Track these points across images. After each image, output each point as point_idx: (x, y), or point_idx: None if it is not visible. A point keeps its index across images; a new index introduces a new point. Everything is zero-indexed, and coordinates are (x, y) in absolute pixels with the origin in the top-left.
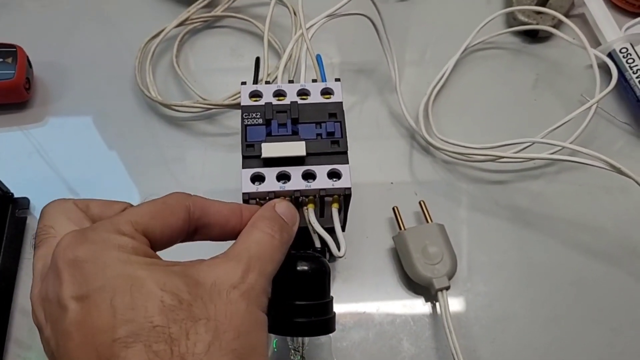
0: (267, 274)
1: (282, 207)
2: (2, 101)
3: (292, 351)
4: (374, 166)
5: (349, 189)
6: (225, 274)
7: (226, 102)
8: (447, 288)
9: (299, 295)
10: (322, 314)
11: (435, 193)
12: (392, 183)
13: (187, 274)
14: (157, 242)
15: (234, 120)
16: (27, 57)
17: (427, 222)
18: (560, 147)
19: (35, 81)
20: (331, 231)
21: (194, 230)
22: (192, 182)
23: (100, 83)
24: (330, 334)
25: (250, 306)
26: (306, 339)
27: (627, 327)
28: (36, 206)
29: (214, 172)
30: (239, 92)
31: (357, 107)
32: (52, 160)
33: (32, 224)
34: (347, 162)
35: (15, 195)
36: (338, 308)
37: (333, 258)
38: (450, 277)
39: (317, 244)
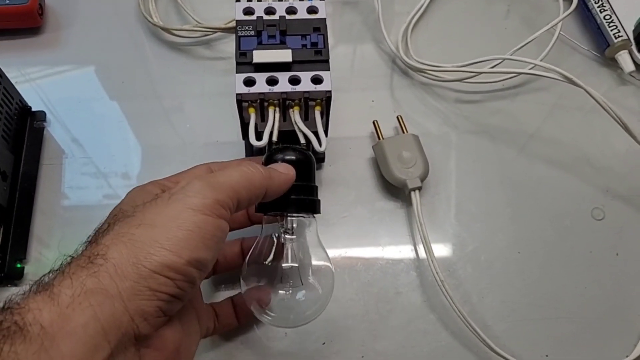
0: (219, 186)
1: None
2: (17, 25)
3: (283, 234)
4: (357, 87)
5: (330, 92)
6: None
7: (222, 26)
8: (419, 188)
9: None
10: (310, 194)
11: (412, 111)
12: (373, 101)
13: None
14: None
15: (229, 45)
16: None
17: (403, 133)
18: (529, 65)
19: (46, 9)
20: (315, 135)
21: None
22: (189, 99)
23: (106, 11)
24: (315, 217)
25: (175, 204)
26: (295, 222)
27: (578, 224)
28: (51, 120)
29: (212, 92)
30: (233, 19)
31: (342, 35)
32: (65, 81)
33: (47, 134)
34: (329, 70)
35: (33, 109)
36: (323, 207)
37: (319, 165)
38: (422, 179)
39: (302, 141)
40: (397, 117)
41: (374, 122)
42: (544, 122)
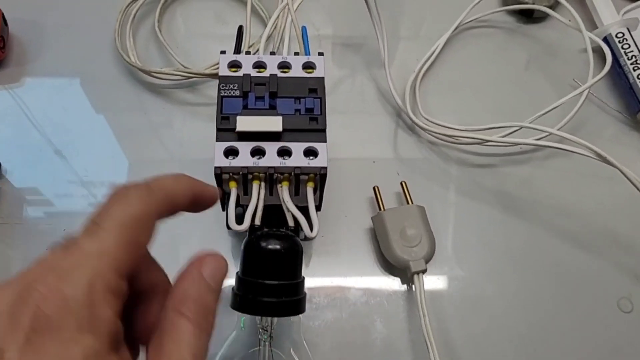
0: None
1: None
2: None
3: (260, 330)
4: (356, 143)
5: (325, 168)
6: None
7: (207, 72)
8: (424, 271)
9: (270, 274)
10: (293, 294)
11: (418, 173)
12: (374, 162)
13: None
14: None
15: (215, 90)
16: (2, 14)
17: (408, 203)
18: (548, 133)
19: (10, 40)
20: (305, 210)
21: None
22: (170, 147)
23: (79, 44)
24: (300, 315)
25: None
26: (275, 318)
27: (602, 317)
28: (8, 169)
29: (193, 141)
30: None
31: (342, 81)
32: (27, 123)
33: (4, 188)
34: (325, 141)
35: None
36: (312, 286)
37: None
38: (427, 261)
39: (291, 223)
40: (401, 184)
41: (374, 189)
42: (565, 192)
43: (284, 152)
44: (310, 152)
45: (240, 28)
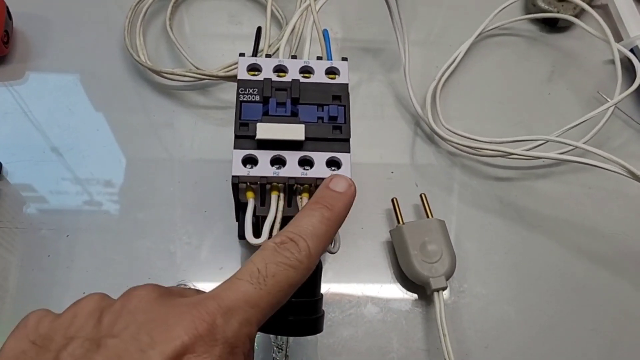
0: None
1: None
2: None
3: (275, 349)
4: (374, 152)
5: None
6: None
7: (220, 73)
8: (444, 289)
9: None
10: (312, 312)
11: (437, 185)
12: (392, 172)
13: None
14: None
15: (228, 93)
16: (7, 7)
17: (428, 217)
18: (572, 147)
19: (15, 34)
20: None
21: None
22: (180, 151)
23: (87, 41)
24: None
25: None
26: (290, 338)
27: (627, 340)
28: (9, 170)
29: (203, 145)
30: (235, 63)
31: (360, 87)
32: (30, 121)
33: (5, 189)
34: (349, 151)
35: None
36: (327, 301)
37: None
38: (448, 278)
39: None
40: (421, 197)
41: (393, 201)
42: (592, 210)
43: (306, 162)
44: (333, 163)
45: (259, 29)
